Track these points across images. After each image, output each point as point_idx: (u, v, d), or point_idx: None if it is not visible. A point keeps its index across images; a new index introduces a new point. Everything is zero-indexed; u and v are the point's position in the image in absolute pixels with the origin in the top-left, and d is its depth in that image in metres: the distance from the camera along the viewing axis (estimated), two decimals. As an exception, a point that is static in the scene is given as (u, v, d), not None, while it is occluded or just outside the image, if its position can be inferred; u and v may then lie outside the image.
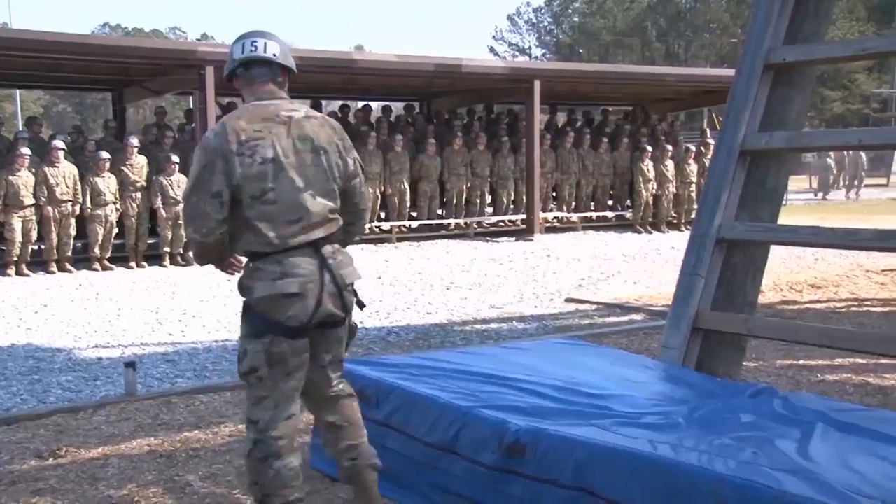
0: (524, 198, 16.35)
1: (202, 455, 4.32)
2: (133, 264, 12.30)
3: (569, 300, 9.40)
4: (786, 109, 4.69)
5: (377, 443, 3.56)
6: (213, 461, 4.22)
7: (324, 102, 20.28)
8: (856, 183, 27.12)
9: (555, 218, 17.06)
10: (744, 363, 5.11)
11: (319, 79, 15.38)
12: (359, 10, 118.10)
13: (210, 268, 3.32)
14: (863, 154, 26.21)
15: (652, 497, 2.64)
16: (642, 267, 12.11)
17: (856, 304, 8.80)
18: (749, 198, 4.69)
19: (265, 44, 3.12)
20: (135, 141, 12.57)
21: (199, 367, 6.59)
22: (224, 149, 2.98)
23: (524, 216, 16.33)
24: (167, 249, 12.48)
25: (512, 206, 16.64)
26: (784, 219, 6.18)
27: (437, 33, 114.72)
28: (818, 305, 8.73)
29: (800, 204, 23.16)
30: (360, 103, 18.13)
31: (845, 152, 28.73)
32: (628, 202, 17.58)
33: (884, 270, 10.51)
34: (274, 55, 3.12)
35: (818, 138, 6.43)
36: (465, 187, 15.82)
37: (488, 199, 16.58)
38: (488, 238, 15.89)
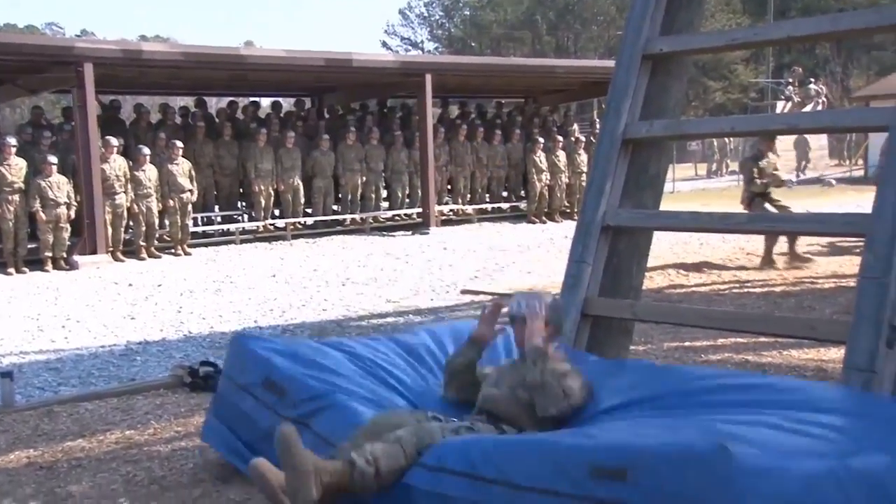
0: (419, 191, 16.39)
1: (85, 465, 4.17)
2: (12, 270, 11.77)
3: (464, 292, 9.45)
4: (664, 98, 4.81)
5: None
6: (97, 470, 4.08)
7: (213, 100, 19.90)
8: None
9: (450, 211, 17.14)
10: (633, 347, 5.23)
11: (206, 75, 15.07)
12: (250, 5, 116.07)
13: (92, 271, 3.22)
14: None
15: (532, 472, 2.68)
16: (537, 256, 12.28)
17: (738, 286, 9.12)
18: (632, 185, 4.79)
19: None
20: (12, 141, 12.02)
21: (84, 373, 6.36)
22: None
23: (420, 210, 16.36)
24: (48, 254, 12.00)
25: (407, 200, 16.65)
26: (671, 205, 6.36)
27: (329, 29, 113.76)
28: (703, 289, 9.01)
29: (686, 191, 23.89)
30: (249, 99, 17.83)
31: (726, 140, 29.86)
32: (523, 193, 17.81)
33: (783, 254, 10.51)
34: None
35: (695, 126, 6.64)
36: (359, 182, 15.75)
37: (383, 193, 16.55)
38: (384, 232, 15.85)
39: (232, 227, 14.92)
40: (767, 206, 9.95)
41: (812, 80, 31.52)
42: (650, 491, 2.36)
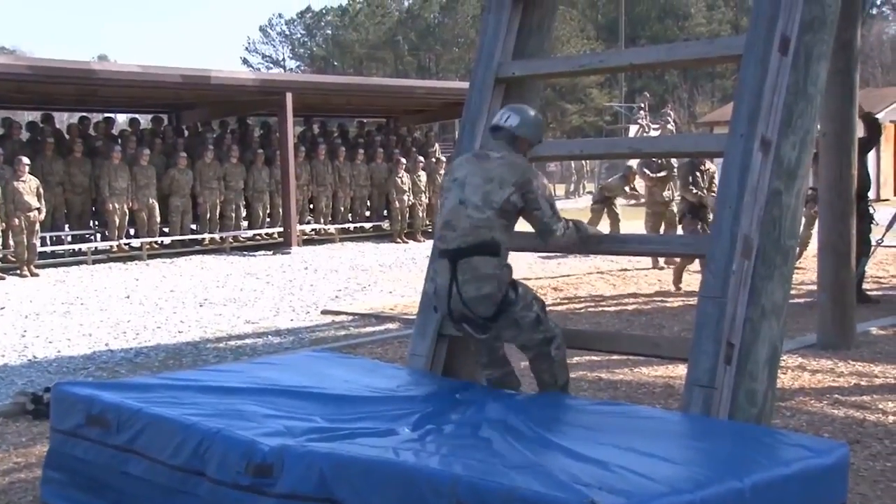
0: (280, 210, 16.19)
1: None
2: None
3: (325, 312, 9.39)
4: (517, 122, 4.94)
5: (118, 469, 3.38)
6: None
7: (65, 115, 19.11)
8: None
9: (312, 230, 17.01)
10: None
11: (54, 89, 14.47)
12: (106, 19, 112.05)
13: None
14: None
15: (393, 501, 2.68)
16: (398, 276, 12.32)
17: (593, 304, 9.42)
18: (487, 207, 4.88)
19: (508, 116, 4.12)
20: None
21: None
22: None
23: (281, 229, 16.16)
24: None
25: (268, 220, 16.43)
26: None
27: (189, 45, 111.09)
28: (560, 307, 9.25)
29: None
30: (103, 115, 17.21)
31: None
32: (385, 213, 17.86)
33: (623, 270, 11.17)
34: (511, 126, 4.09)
35: (547, 148, 6.78)
36: (218, 201, 15.43)
37: (244, 212, 16.27)
38: (245, 252, 15.58)
39: (84, 246, 14.33)
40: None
41: (667, 110, 32.97)
42: None
